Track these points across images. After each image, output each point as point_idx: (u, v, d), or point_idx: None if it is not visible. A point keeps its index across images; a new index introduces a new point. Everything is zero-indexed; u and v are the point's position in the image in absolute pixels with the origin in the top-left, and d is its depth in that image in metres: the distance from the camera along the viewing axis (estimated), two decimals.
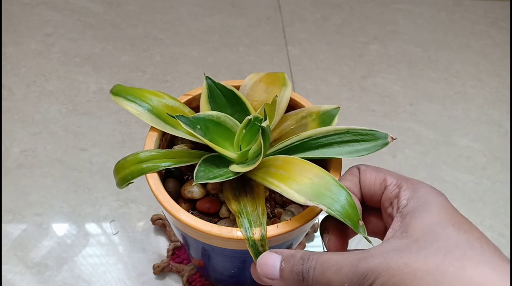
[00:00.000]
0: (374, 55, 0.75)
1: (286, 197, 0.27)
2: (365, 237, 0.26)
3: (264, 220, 0.29)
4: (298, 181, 0.28)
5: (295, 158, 0.30)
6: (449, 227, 0.22)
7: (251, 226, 0.28)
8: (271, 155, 0.32)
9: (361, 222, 0.26)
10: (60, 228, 0.49)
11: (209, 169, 0.30)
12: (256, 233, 0.28)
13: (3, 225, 0.48)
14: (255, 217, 0.29)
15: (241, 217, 0.29)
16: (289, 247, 0.35)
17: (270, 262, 0.25)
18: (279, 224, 0.29)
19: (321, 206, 0.26)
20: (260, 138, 0.28)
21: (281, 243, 0.31)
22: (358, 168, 0.29)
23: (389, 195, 0.27)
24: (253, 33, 0.77)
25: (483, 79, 0.73)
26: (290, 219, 0.29)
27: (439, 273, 0.20)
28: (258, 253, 0.27)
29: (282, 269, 0.25)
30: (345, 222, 0.26)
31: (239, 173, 0.30)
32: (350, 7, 0.85)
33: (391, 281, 0.21)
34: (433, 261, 0.20)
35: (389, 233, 0.24)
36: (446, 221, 0.23)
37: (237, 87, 0.36)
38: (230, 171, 0.30)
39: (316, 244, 0.50)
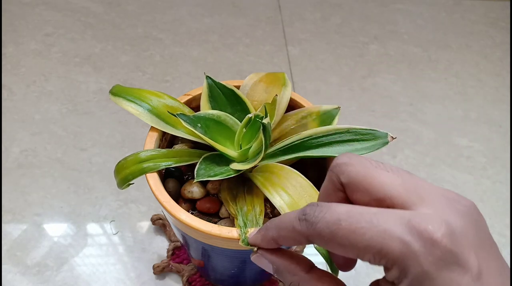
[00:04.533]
0: (374, 55, 0.75)
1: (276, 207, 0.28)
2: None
3: (261, 220, 0.29)
4: (291, 196, 0.29)
5: (295, 172, 0.30)
6: None
7: (245, 226, 0.28)
8: (271, 154, 0.32)
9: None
10: (60, 228, 0.49)
11: (209, 167, 0.30)
12: (249, 232, 0.28)
13: (3, 225, 0.48)
14: (251, 216, 0.29)
15: (238, 218, 0.29)
16: (288, 248, 0.35)
17: (263, 265, 0.24)
18: None
19: None
20: (261, 135, 0.28)
21: None
22: (337, 175, 0.21)
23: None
24: (253, 33, 0.77)
25: (483, 79, 0.73)
26: None
27: None
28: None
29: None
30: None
31: (239, 171, 0.30)
32: (350, 7, 0.85)
33: None
34: None
35: None
36: None
37: (237, 87, 0.36)
38: (231, 169, 0.30)
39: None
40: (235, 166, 0.30)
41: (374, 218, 0.18)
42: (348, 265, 0.23)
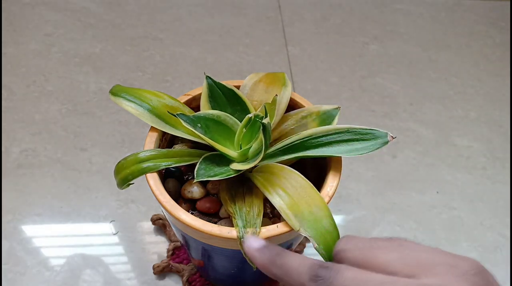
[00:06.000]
0: (374, 55, 0.75)
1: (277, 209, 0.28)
2: None
3: (259, 220, 0.29)
4: (297, 204, 0.29)
5: (295, 172, 0.30)
6: None
7: (244, 227, 0.28)
8: (271, 154, 0.32)
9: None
10: (60, 228, 0.49)
11: (209, 167, 0.30)
12: (249, 233, 0.28)
13: (3, 225, 0.48)
14: (250, 217, 0.29)
15: (236, 218, 0.29)
16: (289, 247, 0.35)
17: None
18: (279, 224, 0.29)
19: (302, 231, 0.27)
20: (261, 135, 0.28)
21: (281, 243, 0.31)
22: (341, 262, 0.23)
23: None
24: (253, 33, 0.77)
25: (483, 79, 0.73)
26: None
27: None
28: None
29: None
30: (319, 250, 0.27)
31: (239, 170, 0.30)
32: (350, 7, 0.85)
33: None
34: None
35: None
36: None
37: (237, 87, 0.36)
38: (231, 169, 0.30)
39: None
40: (235, 166, 0.30)
41: None
42: None
